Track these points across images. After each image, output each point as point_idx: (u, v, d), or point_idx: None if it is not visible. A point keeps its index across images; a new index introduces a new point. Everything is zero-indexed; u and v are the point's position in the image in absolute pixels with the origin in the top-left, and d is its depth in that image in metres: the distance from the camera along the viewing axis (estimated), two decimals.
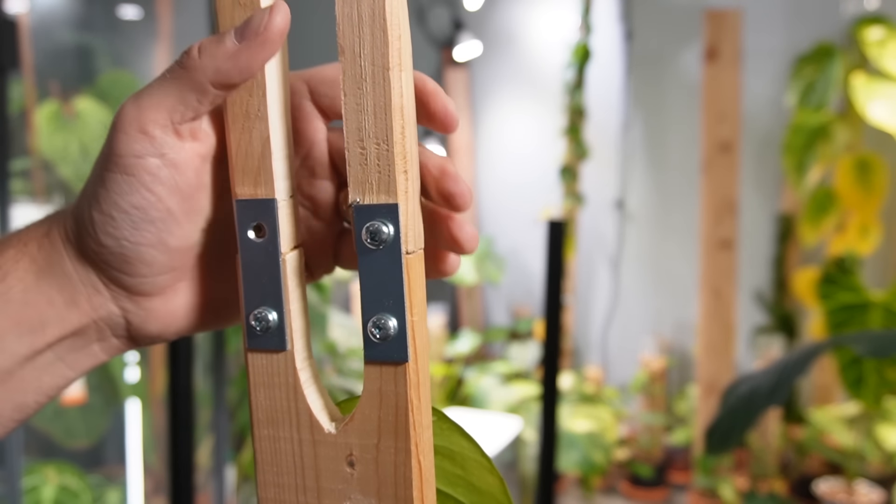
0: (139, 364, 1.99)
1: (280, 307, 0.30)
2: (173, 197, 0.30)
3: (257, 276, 0.30)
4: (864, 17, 2.43)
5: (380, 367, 0.29)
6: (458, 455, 0.32)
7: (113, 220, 0.29)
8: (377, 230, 0.28)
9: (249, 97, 0.30)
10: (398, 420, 0.29)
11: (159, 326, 0.33)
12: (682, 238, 2.86)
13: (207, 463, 1.86)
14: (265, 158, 0.30)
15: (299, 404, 0.30)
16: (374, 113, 0.28)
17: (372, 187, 0.28)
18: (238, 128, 0.30)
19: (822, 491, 2.25)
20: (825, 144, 2.38)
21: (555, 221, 1.27)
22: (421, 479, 0.29)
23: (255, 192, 0.30)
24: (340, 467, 0.30)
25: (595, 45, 2.74)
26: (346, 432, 0.30)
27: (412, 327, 0.29)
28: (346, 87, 0.28)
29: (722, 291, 2.24)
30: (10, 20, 1.20)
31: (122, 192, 0.29)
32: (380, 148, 0.28)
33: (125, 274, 0.31)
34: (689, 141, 2.80)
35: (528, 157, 3.17)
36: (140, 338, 0.33)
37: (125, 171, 0.29)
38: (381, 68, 0.28)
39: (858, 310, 1.95)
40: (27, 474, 1.67)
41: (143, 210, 0.29)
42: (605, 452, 2.34)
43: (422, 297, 0.29)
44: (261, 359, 0.31)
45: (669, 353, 2.86)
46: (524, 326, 3.02)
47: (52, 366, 0.32)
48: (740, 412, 0.98)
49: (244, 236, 0.30)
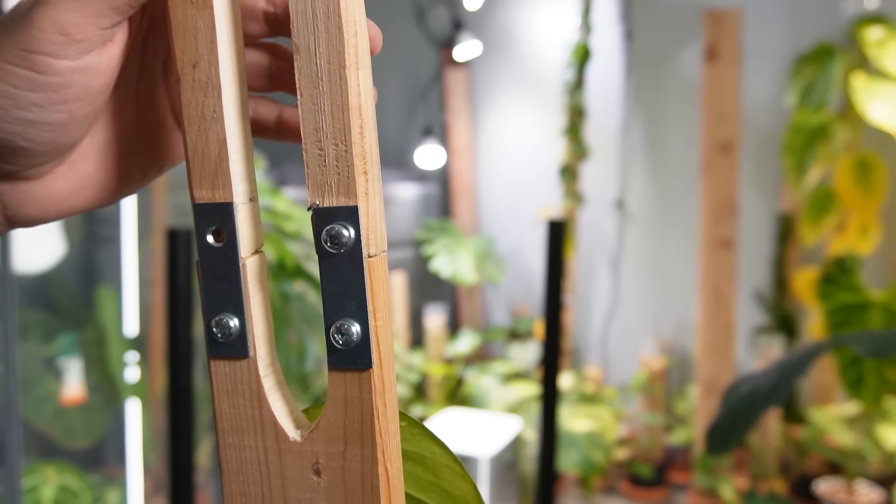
0: (139, 364, 1.99)
1: (241, 313, 0.29)
2: (80, 101, 0.28)
3: (217, 282, 0.29)
4: (864, 17, 2.43)
5: (344, 374, 0.28)
6: (430, 461, 0.32)
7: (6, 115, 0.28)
8: (337, 234, 0.27)
9: (205, 98, 0.29)
10: (364, 427, 0.28)
11: (38, 210, 0.32)
12: (682, 238, 2.87)
13: (207, 463, 1.86)
14: (222, 161, 0.29)
15: (263, 412, 0.30)
16: (332, 113, 0.27)
17: (331, 189, 0.28)
18: (194, 130, 0.29)
19: (822, 491, 2.25)
20: (825, 144, 2.38)
21: (555, 221, 1.27)
22: (389, 487, 0.29)
23: (213, 195, 0.29)
24: (306, 476, 0.29)
25: (595, 45, 2.74)
26: (311, 440, 0.29)
27: (376, 332, 0.28)
28: (301, 87, 0.27)
29: (722, 291, 2.24)
30: None
31: (24, 90, 0.27)
32: (338, 149, 0.27)
33: (6, 163, 0.29)
34: (689, 141, 2.80)
35: (528, 156, 3.17)
36: (18, 221, 0.32)
37: (34, 68, 0.27)
38: (338, 66, 0.27)
39: (858, 310, 1.95)
40: (27, 474, 1.67)
41: (43, 110, 0.28)
42: (605, 452, 2.34)
43: (385, 301, 0.29)
44: (223, 366, 0.30)
45: (669, 353, 2.86)
46: (524, 326, 3.02)
47: None
48: (741, 412, 0.98)
49: (203, 241, 0.29)
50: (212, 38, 0.28)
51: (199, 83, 0.29)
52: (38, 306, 1.97)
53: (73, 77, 0.28)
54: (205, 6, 0.28)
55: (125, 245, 1.96)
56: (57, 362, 1.91)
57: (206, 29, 0.28)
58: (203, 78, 0.29)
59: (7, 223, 0.32)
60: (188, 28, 0.29)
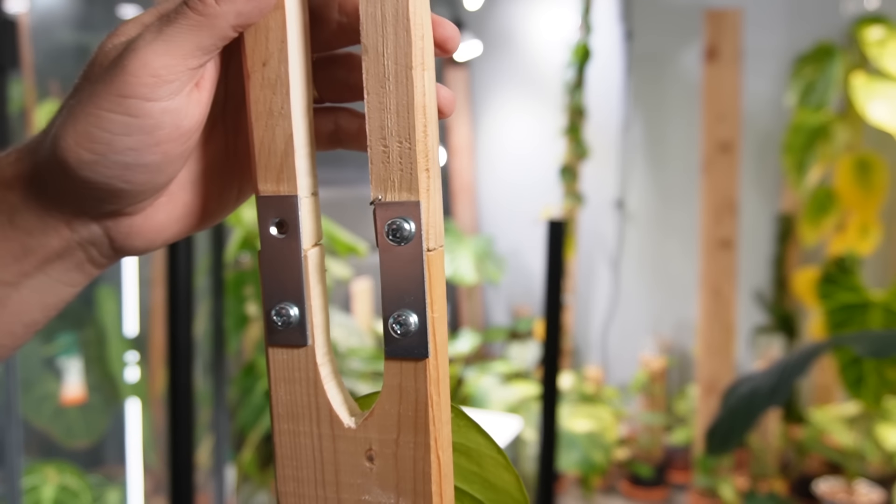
0: (139, 364, 1.99)
1: (301, 303, 0.30)
2: (172, 143, 0.29)
3: (278, 272, 0.31)
4: (864, 16, 2.43)
5: (400, 363, 0.29)
6: (475, 452, 0.33)
7: (104, 160, 0.29)
8: (399, 227, 0.28)
9: (273, 95, 0.30)
10: (418, 415, 0.29)
11: (143, 241, 0.33)
12: (682, 238, 2.86)
13: (207, 463, 1.86)
14: (288, 156, 0.30)
15: (319, 399, 0.31)
16: (397, 111, 0.28)
17: (394, 185, 0.29)
18: (261, 125, 0.30)
19: (822, 491, 2.25)
20: (825, 144, 2.38)
21: (555, 221, 1.27)
22: (440, 474, 0.29)
23: (278, 188, 0.30)
24: (359, 462, 0.30)
25: (595, 45, 2.74)
26: (365, 427, 0.30)
27: (433, 324, 0.29)
28: (368, 86, 0.28)
29: (722, 291, 2.24)
30: (10, 20, 1.20)
31: (121, 134, 0.28)
32: (402, 146, 0.28)
33: (106, 204, 0.31)
34: (689, 141, 2.80)
35: (528, 156, 3.17)
36: (126, 252, 0.33)
37: (128, 112, 0.28)
38: (405, 67, 0.28)
39: (858, 310, 1.95)
40: (27, 474, 1.67)
41: (138, 153, 0.29)
42: (605, 452, 2.34)
43: (442, 294, 0.30)
44: (281, 354, 0.31)
45: (669, 353, 2.86)
46: (524, 326, 3.02)
47: (51, 286, 0.33)
48: (741, 412, 0.98)
49: (266, 233, 0.31)
50: (282, 38, 0.30)
51: (268, 80, 0.30)
52: None
53: (164, 118, 0.29)
54: (277, 7, 0.29)
55: None
56: (57, 362, 1.91)
57: (277, 29, 0.30)
58: (272, 75, 0.30)
59: (115, 255, 0.33)
60: (259, 27, 0.30)
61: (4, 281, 0.32)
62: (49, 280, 0.32)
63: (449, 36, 0.30)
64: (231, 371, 1.91)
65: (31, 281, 0.32)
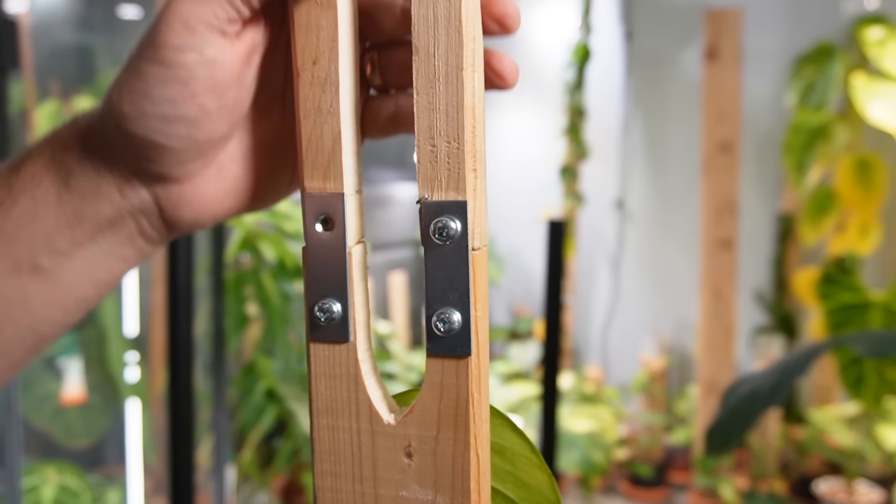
0: (139, 364, 1.99)
1: (345, 299, 0.31)
2: (208, 94, 0.30)
3: (322, 268, 0.31)
4: (864, 17, 2.43)
5: (442, 361, 0.29)
6: (509, 451, 0.33)
7: (144, 113, 0.30)
8: (445, 226, 0.29)
9: (322, 93, 0.30)
10: (458, 413, 0.29)
11: (192, 213, 0.34)
12: (682, 238, 2.86)
13: (207, 463, 1.86)
14: (335, 154, 0.30)
15: (359, 395, 0.31)
16: (447, 112, 0.28)
17: (441, 184, 0.29)
18: (309, 123, 0.31)
19: (822, 491, 2.25)
20: (825, 144, 2.38)
21: (555, 221, 1.27)
22: (479, 471, 0.30)
23: (325, 186, 0.31)
24: (398, 458, 0.30)
25: (595, 45, 2.74)
26: (405, 423, 0.30)
27: (476, 322, 0.29)
28: (418, 86, 0.29)
29: (722, 291, 2.24)
30: (10, 20, 1.20)
31: (157, 84, 0.29)
32: (450, 146, 0.29)
33: (152, 162, 0.31)
34: (689, 141, 2.80)
35: (529, 156, 3.17)
36: (175, 224, 0.34)
37: (163, 62, 0.29)
38: (455, 68, 0.28)
39: (858, 310, 1.95)
40: (27, 474, 1.67)
41: (175, 104, 0.30)
42: (605, 452, 2.34)
43: (485, 293, 0.30)
44: (323, 349, 0.31)
45: (669, 353, 2.86)
46: (524, 326, 3.02)
47: (102, 259, 0.33)
48: (740, 412, 0.98)
49: (311, 229, 0.31)
50: (333, 37, 0.30)
51: (317, 79, 0.30)
52: None
53: (197, 70, 0.29)
54: (329, 6, 0.30)
55: None
56: (57, 362, 1.91)
57: (329, 28, 0.30)
58: (322, 74, 0.30)
59: (166, 228, 0.34)
60: (311, 26, 0.30)
61: (58, 249, 0.32)
62: (101, 252, 0.33)
63: (509, 70, 0.31)
64: (231, 371, 1.91)
65: (83, 251, 0.33)
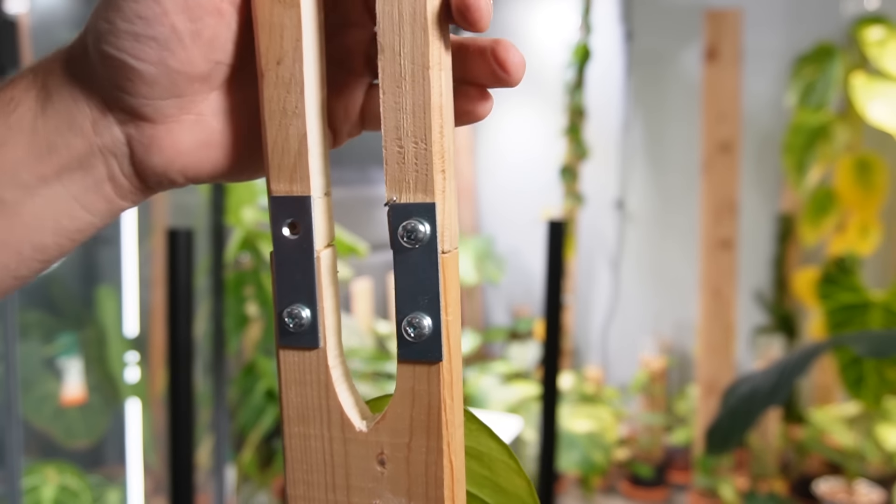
0: (139, 364, 1.99)
1: (314, 304, 0.30)
2: (179, 14, 0.29)
3: (290, 273, 0.30)
4: (864, 17, 2.43)
5: (413, 367, 0.29)
6: (486, 456, 0.32)
7: (115, 29, 0.29)
8: (413, 229, 0.28)
9: (287, 94, 0.30)
10: (430, 419, 0.29)
11: (163, 160, 0.32)
12: (682, 238, 2.86)
13: (207, 463, 1.86)
14: (301, 156, 0.30)
15: (330, 402, 0.30)
16: (413, 112, 0.28)
17: (409, 186, 0.28)
18: (275, 124, 0.30)
19: (822, 491, 2.25)
20: (825, 144, 2.38)
21: (555, 221, 1.27)
22: (452, 478, 0.29)
23: (291, 188, 0.30)
24: (371, 465, 0.30)
25: (595, 45, 2.74)
26: (377, 431, 0.30)
27: (447, 327, 0.28)
28: (384, 85, 0.28)
29: (722, 291, 2.24)
30: (10, 20, 1.20)
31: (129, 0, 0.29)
32: (418, 147, 0.28)
33: (125, 93, 0.30)
34: (689, 141, 2.80)
35: (529, 156, 3.17)
36: (146, 173, 0.32)
37: None
38: (422, 67, 0.28)
39: (858, 310, 1.95)
40: (27, 474, 1.67)
41: (146, 21, 0.29)
42: (605, 452, 2.34)
43: (456, 297, 0.29)
44: (293, 356, 0.31)
45: (669, 353, 2.86)
46: (524, 326, 3.02)
47: (68, 204, 0.32)
48: (740, 412, 0.98)
49: (278, 233, 0.30)
50: (297, 37, 0.29)
51: (282, 79, 0.30)
52: (38, 306, 1.97)
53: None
54: (292, 5, 0.29)
55: (125, 245, 1.96)
56: (57, 362, 1.91)
57: (293, 27, 0.29)
58: (286, 74, 0.30)
59: (136, 177, 0.32)
60: (274, 26, 0.30)
61: (22, 182, 0.31)
62: (67, 194, 0.32)
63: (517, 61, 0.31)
64: (231, 371, 1.91)
65: (47, 189, 0.31)
